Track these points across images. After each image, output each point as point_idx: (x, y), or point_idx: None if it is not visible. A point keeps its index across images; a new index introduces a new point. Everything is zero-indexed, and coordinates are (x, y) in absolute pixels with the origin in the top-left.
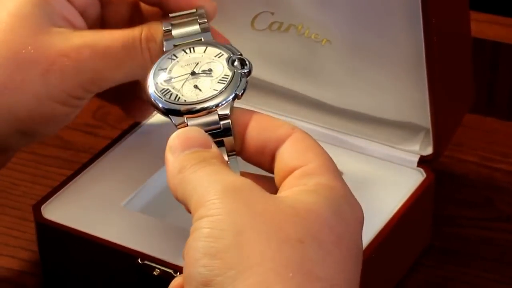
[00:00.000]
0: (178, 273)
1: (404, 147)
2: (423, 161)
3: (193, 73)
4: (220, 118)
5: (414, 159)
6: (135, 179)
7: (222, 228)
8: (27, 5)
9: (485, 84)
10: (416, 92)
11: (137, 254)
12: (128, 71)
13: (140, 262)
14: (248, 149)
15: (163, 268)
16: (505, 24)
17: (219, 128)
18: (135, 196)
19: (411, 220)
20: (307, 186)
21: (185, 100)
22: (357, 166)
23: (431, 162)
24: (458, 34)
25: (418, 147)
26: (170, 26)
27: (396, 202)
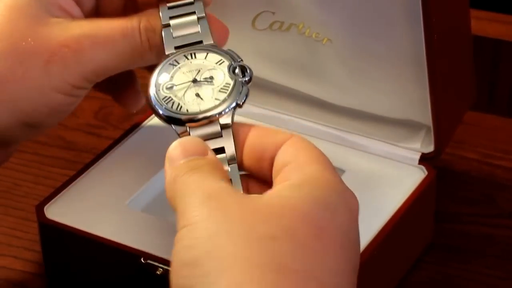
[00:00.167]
0: None
1: (405, 145)
2: (424, 159)
3: (194, 81)
4: (222, 127)
5: (416, 157)
6: (138, 178)
7: (197, 236)
8: None
9: (486, 82)
10: (417, 90)
11: (140, 254)
12: (128, 60)
13: (143, 261)
14: (248, 156)
15: (166, 267)
16: (505, 21)
17: (221, 136)
18: (138, 195)
19: (413, 217)
20: (292, 181)
21: (187, 110)
22: (359, 164)
23: (433, 159)
24: (459, 32)
25: (420, 145)
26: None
27: (398, 199)
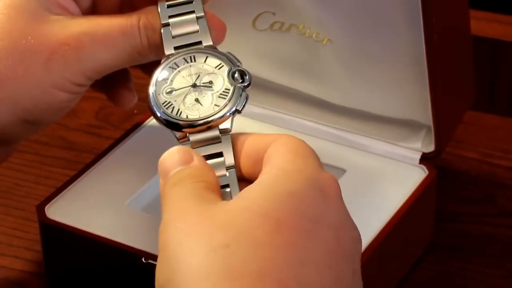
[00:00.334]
0: None
1: (406, 145)
2: (425, 158)
3: (194, 86)
4: (221, 132)
5: (416, 156)
6: (139, 178)
7: (165, 257)
8: None
9: (485, 81)
10: (417, 90)
11: (141, 253)
12: (127, 58)
13: (144, 261)
14: (245, 164)
15: None
16: (504, 22)
17: (219, 142)
18: (139, 195)
19: (413, 217)
20: (259, 177)
21: (186, 116)
22: (360, 164)
23: (433, 159)
24: (458, 32)
25: (420, 144)
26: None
27: (399, 198)
